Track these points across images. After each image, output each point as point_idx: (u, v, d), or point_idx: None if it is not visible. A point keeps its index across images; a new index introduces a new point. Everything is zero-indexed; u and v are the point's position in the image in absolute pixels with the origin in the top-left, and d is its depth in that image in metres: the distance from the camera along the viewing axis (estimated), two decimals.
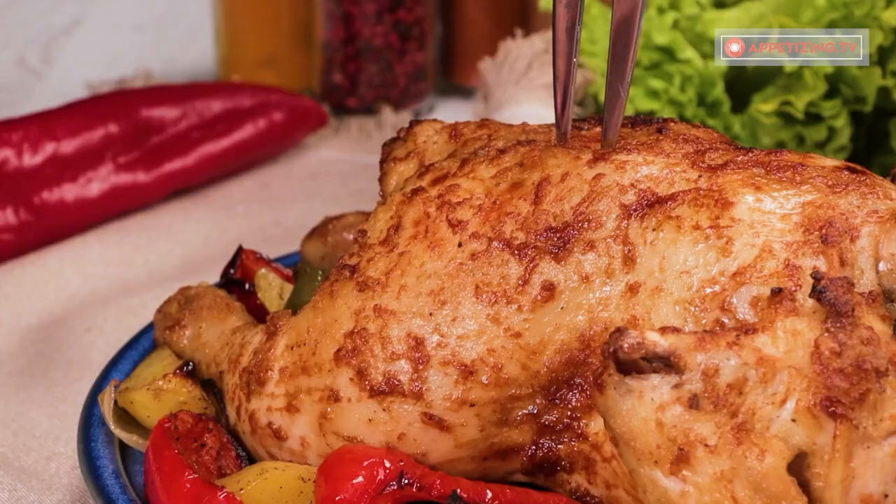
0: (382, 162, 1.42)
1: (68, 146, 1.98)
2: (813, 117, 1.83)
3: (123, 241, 1.99)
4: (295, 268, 1.56)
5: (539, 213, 1.22)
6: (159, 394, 1.32)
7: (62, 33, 2.81)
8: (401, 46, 2.31)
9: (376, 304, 1.22)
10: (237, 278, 1.54)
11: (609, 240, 1.19)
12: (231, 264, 1.55)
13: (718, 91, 1.84)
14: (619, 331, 1.05)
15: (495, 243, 1.21)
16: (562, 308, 1.19)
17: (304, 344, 1.25)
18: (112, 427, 1.32)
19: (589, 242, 1.19)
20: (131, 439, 1.33)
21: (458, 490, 1.14)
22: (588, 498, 1.19)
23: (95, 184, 2.01)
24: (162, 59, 2.66)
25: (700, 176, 1.19)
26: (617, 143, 1.25)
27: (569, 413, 1.18)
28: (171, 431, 1.25)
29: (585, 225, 1.20)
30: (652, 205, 1.18)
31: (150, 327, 1.52)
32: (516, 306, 1.19)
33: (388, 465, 1.16)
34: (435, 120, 1.42)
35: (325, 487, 1.17)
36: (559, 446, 1.19)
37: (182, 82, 2.26)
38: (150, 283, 1.86)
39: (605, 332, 1.16)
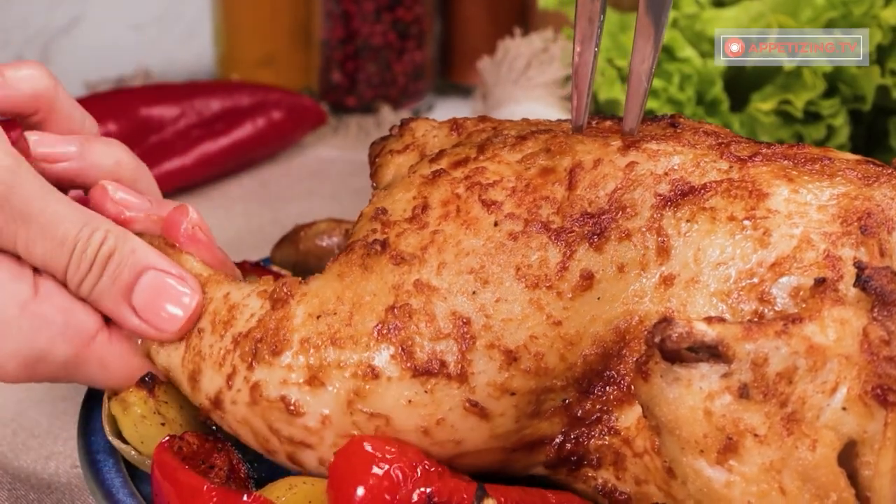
0: (375, 157, 1.39)
1: None
2: (812, 116, 1.83)
3: None
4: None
5: (574, 199, 1.18)
6: (126, 406, 1.29)
7: (61, 32, 2.81)
8: (400, 45, 2.31)
9: (416, 280, 1.17)
10: None
11: (644, 230, 1.17)
12: None
13: (717, 90, 1.84)
14: (667, 320, 1.05)
15: (533, 225, 1.17)
16: (598, 298, 1.16)
17: (334, 314, 1.19)
18: (110, 438, 1.30)
19: (625, 231, 1.17)
20: (129, 453, 1.30)
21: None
22: (616, 494, 1.17)
23: None
24: (161, 58, 2.66)
25: (731, 167, 1.18)
26: (637, 132, 1.24)
27: (600, 406, 1.17)
28: (176, 453, 1.21)
29: (621, 213, 1.17)
30: (686, 194, 1.17)
31: None
32: (556, 293, 1.16)
33: (418, 472, 1.12)
34: (428, 118, 1.41)
35: (339, 485, 1.14)
36: (588, 441, 1.18)
37: (181, 81, 2.26)
38: None
39: (641, 324, 1.15)
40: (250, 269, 1.53)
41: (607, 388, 1.17)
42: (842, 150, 1.83)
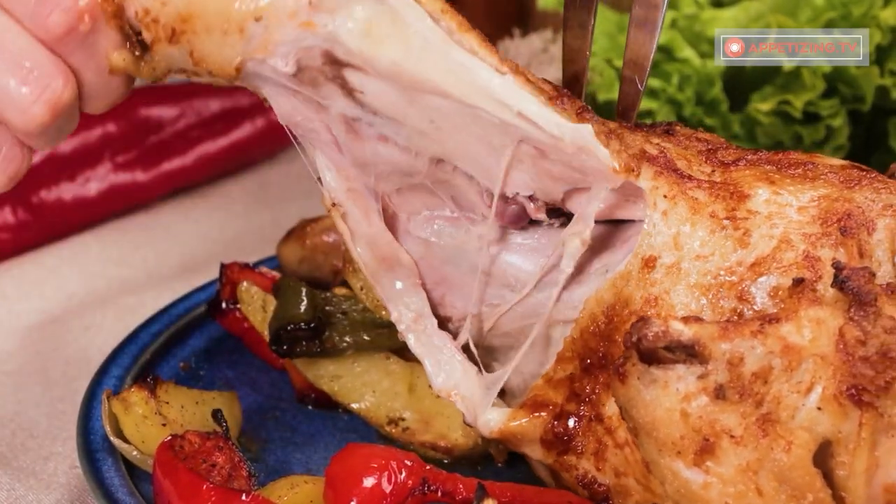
0: None
1: (66, 145, 1.98)
2: (811, 116, 1.83)
3: (122, 241, 1.99)
4: (276, 282, 1.52)
5: None
6: (127, 406, 1.30)
7: None
8: None
9: None
10: (220, 299, 1.53)
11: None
12: (219, 280, 1.54)
13: (717, 90, 1.84)
14: (643, 320, 1.05)
15: None
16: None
17: None
18: (111, 438, 1.30)
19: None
20: (130, 452, 1.30)
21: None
22: (595, 485, 1.18)
23: (94, 183, 2.01)
24: None
25: (714, 171, 1.20)
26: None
27: (591, 388, 1.18)
28: (178, 452, 1.22)
29: None
30: (670, 171, 1.18)
31: (148, 322, 1.53)
32: None
33: (409, 464, 1.15)
34: None
35: (335, 491, 1.16)
36: (578, 424, 1.19)
37: (180, 81, 2.26)
38: (148, 282, 1.87)
39: (625, 307, 1.16)
40: (239, 272, 1.53)
41: (599, 370, 1.18)
42: (840, 151, 1.85)
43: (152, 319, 1.54)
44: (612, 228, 1.22)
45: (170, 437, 1.23)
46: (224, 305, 1.53)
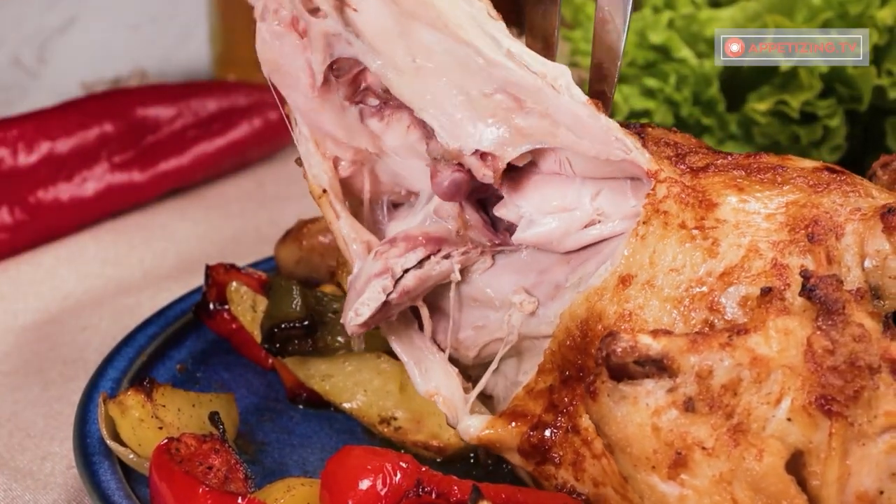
0: None
1: (63, 145, 1.98)
2: (808, 116, 1.83)
3: (119, 241, 1.99)
4: (268, 279, 1.52)
5: None
6: (124, 409, 1.30)
7: (57, 33, 2.81)
8: None
9: None
10: (207, 300, 1.53)
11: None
12: (205, 282, 1.53)
13: (714, 90, 1.84)
14: (612, 335, 1.05)
15: None
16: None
17: None
18: (108, 441, 1.30)
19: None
20: (127, 455, 1.30)
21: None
22: (574, 495, 1.18)
23: (91, 183, 2.01)
24: (157, 59, 2.66)
25: (682, 175, 1.19)
26: None
27: (572, 399, 1.18)
28: (174, 455, 1.22)
29: None
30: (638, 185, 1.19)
31: (144, 324, 1.53)
32: None
33: (404, 466, 1.15)
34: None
35: (331, 493, 1.16)
36: (554, 435, 1.19)
37: (177, 81, 2.26)
38: (145, 282, 1.86)
39: (599, 322, 1.16)
40: (225, 274, 1.52)
41: (577, 382, 1.18)
42: (838, 151, 1.85)
43: (148, 321, 1.54)
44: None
45: (166, 440, 1.23)
46: (211, 307, 1.53)
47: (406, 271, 1.24)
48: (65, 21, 2.83)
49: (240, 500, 1.16)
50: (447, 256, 1.25)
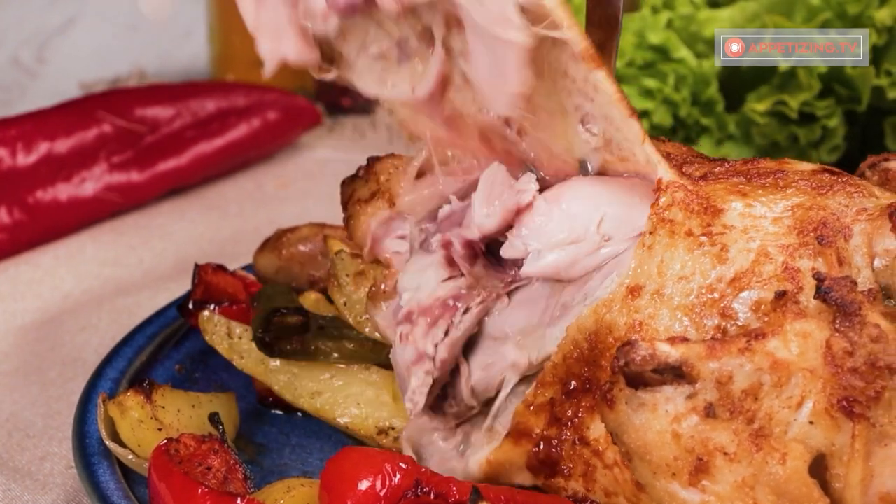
0: (346, 202, 1.40)
1: (62, 145, 1.98)
2: (807, 117, 1.83)
3: (118, 241, 1.99)
4: (256, 292, 1.49)
5: None
6: (124, 410, 1.30)
7: (56, 33, 2.81)
8: None
9: None
10: (196, 300, 1.50)
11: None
12: (192, 281, 1.51)
13: (712, 90, 1.84)
14: (630, 343, 1.04)
15: None
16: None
17: None
18: (107, 442, 1.30)
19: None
20: (126, 456, 1.30)
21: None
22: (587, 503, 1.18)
23: (89, 183, 2.01)
24: (156, 59, 2.66)
25: (682, 184, 1.18)
26: None
27: (577, 411, 1.18)
28: (173, 456, 1.22)
29: None
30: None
31: (143, 325, 1.53)
32: None
33: (403, 466, 1.15)
34: (393, 154, 1.41)
35: (330, 494, 1.16)
36: (562, 448, 1.18)
37: (176, 81, 2.26)
38: (144, 282, 1.86)
39: (609, 333, 1.15)
40: (212, 273, 1.51)
41: (582, 394, 1.17)
42: (836, 151, 1.85)
43: (147, 322, 1.54)
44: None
45: (165, 441, 1.23)
46: (191, 306, 1.49)
47: (436, 345, 1.24)
48: (64, 21, 2.84)
49: (239, 501, 1.16)
50: (466, 311, 1.24)
